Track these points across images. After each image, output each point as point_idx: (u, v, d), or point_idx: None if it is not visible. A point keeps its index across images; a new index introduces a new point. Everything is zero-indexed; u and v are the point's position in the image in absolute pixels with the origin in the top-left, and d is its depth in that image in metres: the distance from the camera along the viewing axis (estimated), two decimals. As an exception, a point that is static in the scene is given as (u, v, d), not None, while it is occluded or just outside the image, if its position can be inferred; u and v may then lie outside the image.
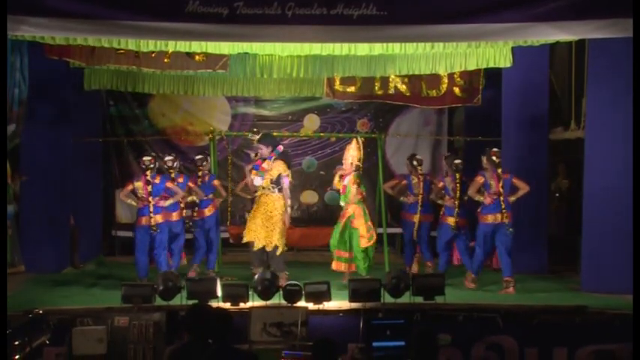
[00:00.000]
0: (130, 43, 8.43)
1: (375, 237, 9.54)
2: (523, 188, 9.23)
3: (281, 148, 9.54)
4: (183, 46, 8.61)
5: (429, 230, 10.46)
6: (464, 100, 11.64)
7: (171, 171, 9.79)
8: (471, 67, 9.99)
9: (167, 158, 9.97)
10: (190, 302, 7.44)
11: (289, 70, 10.18)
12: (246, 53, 9.44)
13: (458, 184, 9.57)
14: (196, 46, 8.68)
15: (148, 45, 8.47)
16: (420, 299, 7.84)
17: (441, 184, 9.89)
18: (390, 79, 11.39)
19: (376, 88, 11.54)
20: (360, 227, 9.47)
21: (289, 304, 7.61)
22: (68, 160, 10.87)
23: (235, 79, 11.27)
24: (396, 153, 13.16)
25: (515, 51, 9.59)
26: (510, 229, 9.11)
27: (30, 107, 9.75)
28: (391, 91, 11.56)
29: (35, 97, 9.86)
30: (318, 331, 7.06)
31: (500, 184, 9.09)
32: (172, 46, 8.54)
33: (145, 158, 9.54)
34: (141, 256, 9.35)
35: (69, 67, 10.20)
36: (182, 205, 9.80)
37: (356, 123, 13.40)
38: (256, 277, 7.87)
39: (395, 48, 8.83)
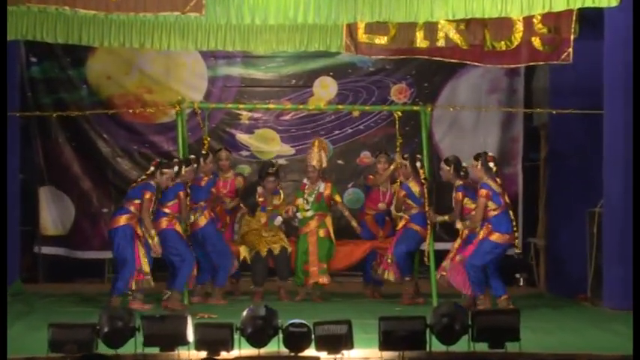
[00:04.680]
0: (62, -27, 8.48)
1: None
2: None
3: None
4: (138, -23, 8.65)
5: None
6: (547, 56, 11.58)
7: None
8: (559, 7, 9.91)
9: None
10: (149, 351, 7.53)
11: (292, 14, 10.14)
12: (231, -12, 9.53)
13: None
14: (158, -22, 8.71)
15: (87, -24, 8.50)
16: (483, 346, 7.80)
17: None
18: (439, 26, 11.38)
19: (418, 39, 11.52)
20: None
21: (293, 354, 7.63)
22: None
23: (214, 26, 11.35)
24: (448, 133, 13.41)
25: (625, -17, 9.61)
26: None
27: None
28: (440, 43, 11.53)
29: None
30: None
31: (507, 195, 10.52)
32: (123, -23, 8.60)
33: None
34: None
35: (-30, 7, 10.23)
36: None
37: (389, 90, 13.54)
38: (244, 314, 7.87)
39: (446, -21, 8.77)
